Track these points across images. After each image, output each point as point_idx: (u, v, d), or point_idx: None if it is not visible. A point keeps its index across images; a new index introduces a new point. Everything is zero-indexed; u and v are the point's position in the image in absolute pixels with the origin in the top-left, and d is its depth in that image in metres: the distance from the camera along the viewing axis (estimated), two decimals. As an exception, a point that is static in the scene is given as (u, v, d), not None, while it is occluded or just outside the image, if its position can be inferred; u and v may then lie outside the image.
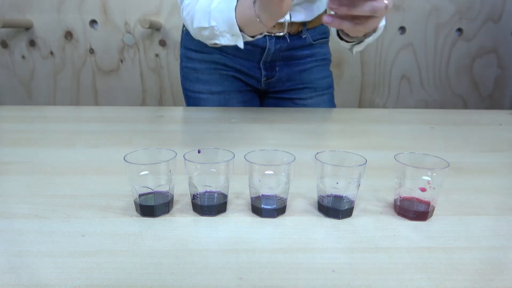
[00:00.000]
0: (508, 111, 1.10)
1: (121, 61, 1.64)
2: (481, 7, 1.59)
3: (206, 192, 0.47)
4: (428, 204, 0.46)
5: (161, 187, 0.46)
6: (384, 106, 1.74)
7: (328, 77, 1.10)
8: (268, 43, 0.95)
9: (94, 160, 0.66)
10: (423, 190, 0.46)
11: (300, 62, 1.03)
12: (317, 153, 0.48)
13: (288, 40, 0.97)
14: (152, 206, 0.46)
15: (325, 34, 1.06)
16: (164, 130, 0.87)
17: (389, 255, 0.40)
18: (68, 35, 1.60)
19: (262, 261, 0.38)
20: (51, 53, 1.62)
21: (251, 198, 0.47)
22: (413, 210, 0.46)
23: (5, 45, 1.61)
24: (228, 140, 0.79)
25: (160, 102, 1.71)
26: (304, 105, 1.07)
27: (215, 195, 0.47)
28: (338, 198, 0.46)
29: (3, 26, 1.43)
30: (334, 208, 0.46)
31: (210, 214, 0.47)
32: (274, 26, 0.90)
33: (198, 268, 0.37)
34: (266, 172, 0.45)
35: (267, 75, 1.02)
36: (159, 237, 0.42)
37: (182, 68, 1.07)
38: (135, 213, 0.47)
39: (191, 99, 1.07)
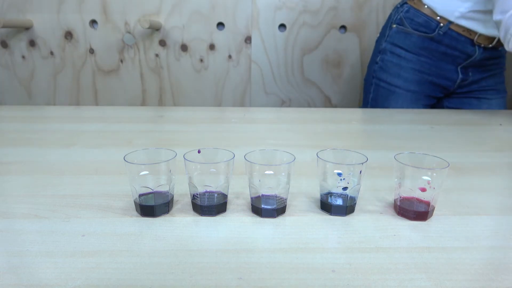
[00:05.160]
0: (508, 111, 1.10)
1: (121, 61, 1.64)
2: (481, 7, 1.59)
3: (206, 192, 0.47)
4: (428, 204, 0.46)
5: (161, 187, 0.46)
6: (384, 106, 1.74)
7: (504, 82, 1.23)
8: (477, 52, 1.07)
9: (94, 160, 0.66)
10: (423, 190, 0.45)
11: (489, 68, 1.15)
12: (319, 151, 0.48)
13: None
14: (152, 206, 0.46)
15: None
16: (164, 130, 0.87)
17: (389, 255, 0.40)
18: (68, 35, 1.60)
19: (262, 261, 0.38)
20: (51, 53, 1.62)
21: (251, 198, 0.47)
22: (413, 210, 0.46)
23: (5, 45, 1.61)
24: (228, 140, 0.79)
25: (160, 102, 1.71)
26: (489, 104, 1.18)
27: (215, 195, 0.47)
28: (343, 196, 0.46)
29: (3, 26, 1.43)
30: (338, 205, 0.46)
31: (210, 214, 0.47)
32: (489, 40, 1.06)
33: (198, 268, 0.37)
34: (266, 172, 0.45)
35: (463, 78, 1.13)
36: (159, 237, 0.42)
37: (383, 60, 1.17)
38: (135, 213, 0.47)
39: (383, 89, 1.18)
